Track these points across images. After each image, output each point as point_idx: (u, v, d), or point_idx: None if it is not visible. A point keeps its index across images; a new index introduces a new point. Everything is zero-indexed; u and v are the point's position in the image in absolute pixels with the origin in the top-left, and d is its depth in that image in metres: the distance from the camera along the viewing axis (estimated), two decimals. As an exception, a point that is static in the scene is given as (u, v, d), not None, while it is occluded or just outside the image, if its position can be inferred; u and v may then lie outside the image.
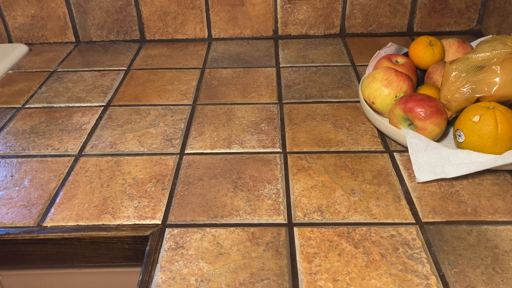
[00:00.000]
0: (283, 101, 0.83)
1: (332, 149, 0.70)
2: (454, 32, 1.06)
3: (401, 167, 0.66)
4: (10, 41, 1.10)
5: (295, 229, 0.56)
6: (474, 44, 0.85)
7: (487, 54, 0.66)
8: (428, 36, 0.80)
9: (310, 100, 0.83)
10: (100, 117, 0.80)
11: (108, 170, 0.67)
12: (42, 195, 0.63)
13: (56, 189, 0.64)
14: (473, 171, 0.61)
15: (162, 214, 0.59)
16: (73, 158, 0.70)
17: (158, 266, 0.52)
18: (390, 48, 0.85)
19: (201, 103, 0.83)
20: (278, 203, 0.60)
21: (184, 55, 1.02)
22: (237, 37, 1.08)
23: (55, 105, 0.85)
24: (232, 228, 0.56)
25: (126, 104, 0.84)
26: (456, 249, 0.53)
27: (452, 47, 0.80)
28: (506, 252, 0.52)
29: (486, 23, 1.02)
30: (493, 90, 0.63)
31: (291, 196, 0.61)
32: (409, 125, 0.68)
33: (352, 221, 0.57)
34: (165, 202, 0.61)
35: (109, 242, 0.58)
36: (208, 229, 0.56)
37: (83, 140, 0.74)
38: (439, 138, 0.69)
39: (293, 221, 0.57)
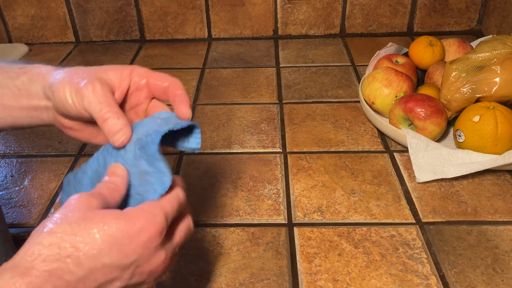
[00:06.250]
0: (283, 101, 0.83)
1: (332, 149, 0.70)
2: (454, 32, 1.06)
3: (401, 167, 0.66)
4: (10, 41, 1.10)
5: (295, 229, 0.56)
6: (474, 44, 0.85)
7: (487, 54, 0.66)
8: (428, 36, 0.80)
9: (310, 100, 0.83)
10: (100, 117, 0.80)
11: (108, 170, 0.67)
12: (42, 195, 0.63)
13: (56, 189, 0.64)
14: (473, 171, 0.61)
15: (162, 214, 0.59)
16: (73, 158, 0.70)
17: (158, 266, 0.52)
18: (390, 48, 0.85)
19: (201, 103, 0.83)
20: (278, 203, 0.60)
21: (184, 55, 1.02)
22: (237, 37, 1.08)
23: (55, 105, 0.85)
24: (232, 228, 0.56)
25: (126, 104, 0.84)
26: (456, 249, 0.53)
27: (452, 47, 0.80)
28: (506, 252, 0.52)
29: (486, 23, 1.02)
30: (493, 90, 0.63)
31: (291, 196, 0.61)
32: (409, 125, 0.68)
33: (352, 221, 0.57)
34: (165, 202, 0.61)
35: (109, 242, 0.58)
36: (208, 229, 0.56)
37: (83, 140, 0.74)
38: (439, 138, 0.69)
39: (293, 221, 0.57)
